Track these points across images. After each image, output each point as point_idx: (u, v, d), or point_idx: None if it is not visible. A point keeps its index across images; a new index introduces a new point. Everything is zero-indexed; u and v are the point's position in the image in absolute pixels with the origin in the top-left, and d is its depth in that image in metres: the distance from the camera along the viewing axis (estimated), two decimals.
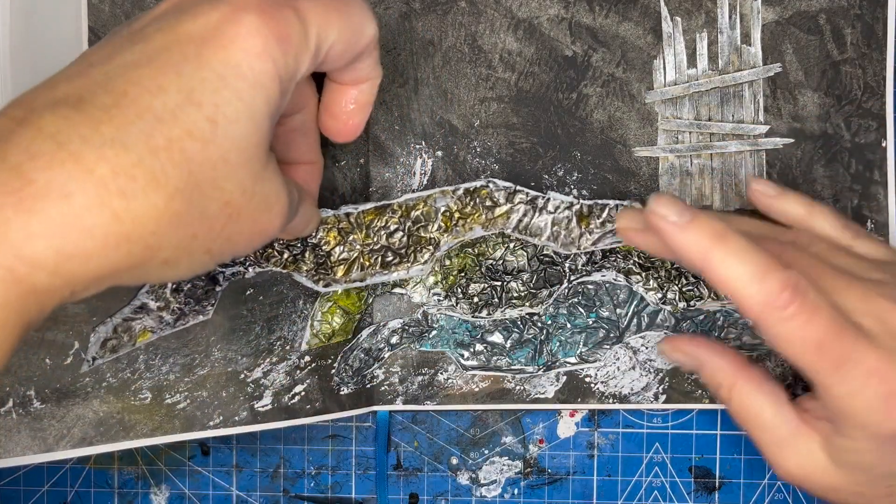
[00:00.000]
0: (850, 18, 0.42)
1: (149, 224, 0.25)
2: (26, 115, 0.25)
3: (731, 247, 0.31)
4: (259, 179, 0.29)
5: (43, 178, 0.24)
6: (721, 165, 0.42)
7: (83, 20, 0.39)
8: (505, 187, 0.42)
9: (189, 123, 0.26)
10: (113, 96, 0.25)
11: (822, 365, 0.31)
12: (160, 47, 0.27)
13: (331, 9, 0.29)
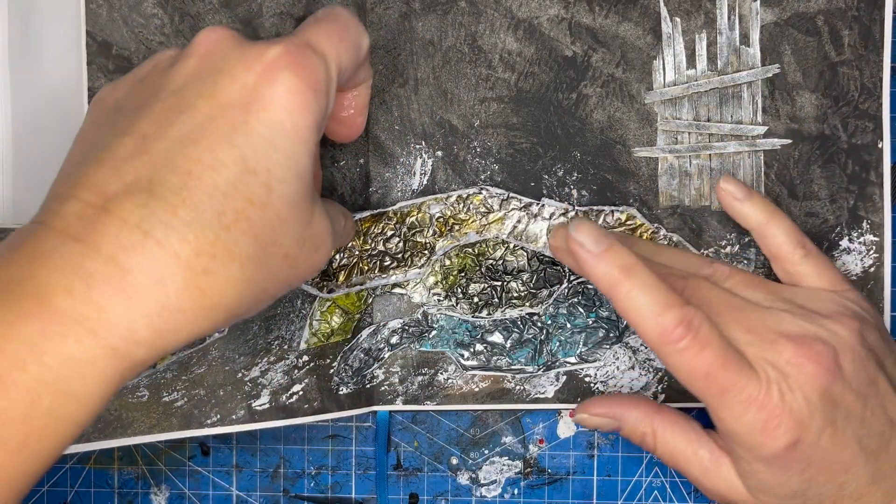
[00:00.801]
0: (848, 20, 0.42)
1: (230, 294, 0.28)
2: (104, 204, 0.27)
3: (636, 281, 0.33)
4: (309, 226, 0.31)
5: (137, 267, 0.26)
6: (720, 166, 0.43)
7: (81, 24, 0.39)
8: (498, 194, 0.42)
9: (249, 192, 0.28)
10: (179, 176, 0.27)
11: (709, 392, 0.34)
12: (208, 116, 0.28)
13: (338, 35, 0.31)
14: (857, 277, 0.43)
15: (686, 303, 0.34)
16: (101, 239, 0.26)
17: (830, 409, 0.34)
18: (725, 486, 0.37)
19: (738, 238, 0.43)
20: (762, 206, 0.40)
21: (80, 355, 0.26)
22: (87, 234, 0.27)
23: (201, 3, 0.40)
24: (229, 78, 0.29)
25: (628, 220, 0.42)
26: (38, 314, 0.26)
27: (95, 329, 0.26)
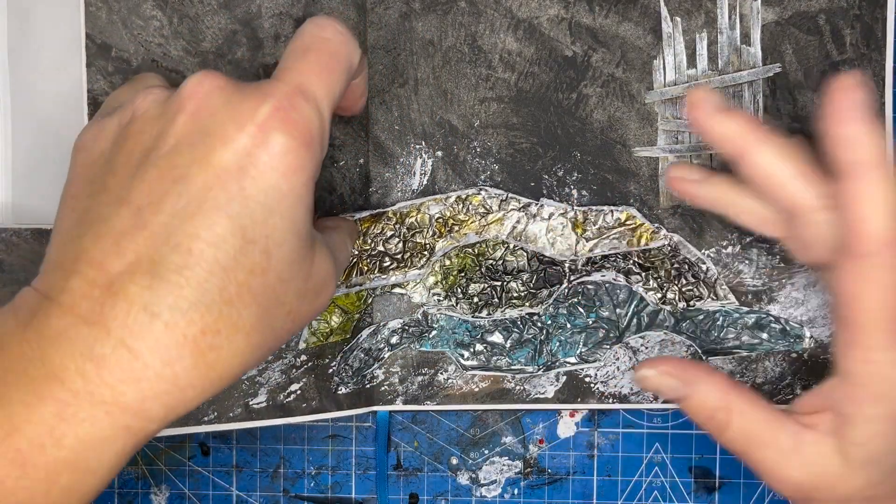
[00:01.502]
0: (850, 19, 0.42)
1: (236, 363, 0.29)
2: (109, 284, 0.27)
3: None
4: (310, 277, 0.31)
5: (146, 350, 0.27)
6: (720, 166, 0.42)
7: (81, 27, 0.40)
8: (497, 194, 0.42)
9: (249, 263, 0.28)
10: (181, 255, 0.28)
11: (879, 326, 0.31)
12: (203, 187, 0.28)
13: (328, 67, 0.31)
14: None
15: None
16: (110, 322, 0.27)
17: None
18: (809, 470, 0.33)
19: (740, 238, 0.43)
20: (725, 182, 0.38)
21: (96, 435, 0.27)
22: (96, 316, 0.27)
23: (200, 5, 0.40)
24: (221, 142, 0.28)
25: (628, 220, 0.42)
26: (55, 397, 0.27)
27: (110, 412, 0.27)
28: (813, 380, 0.43)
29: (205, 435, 0.44)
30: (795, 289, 0.43)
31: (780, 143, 0.33)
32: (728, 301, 0.43)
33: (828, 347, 0.43)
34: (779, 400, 0.43)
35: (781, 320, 0.43)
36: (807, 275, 0.43)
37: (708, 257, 0.43)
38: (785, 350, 0.43)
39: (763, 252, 0.43)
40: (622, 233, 0.42)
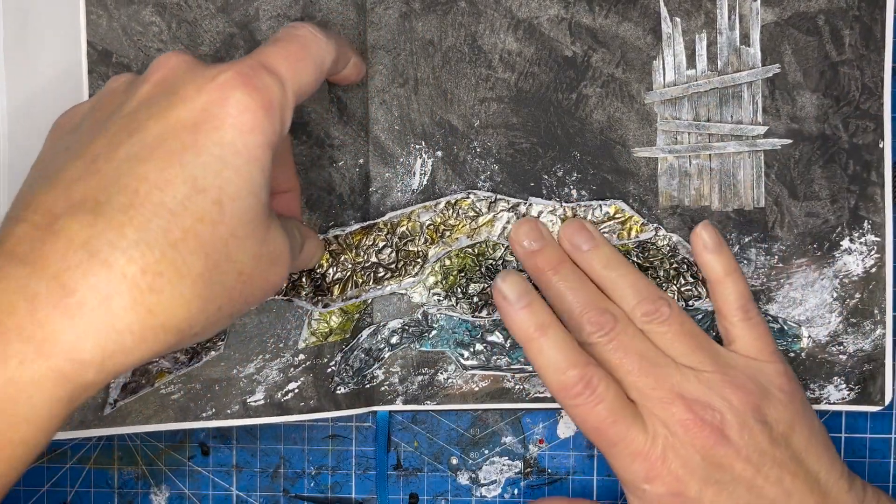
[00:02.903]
0: (849, 20, 0.42)
1: (179, 312, 0.28)
2: (50, 223, 0.27)
3: (548, 339, 0.38)
4: (264, 242, 0.31)
5: (82, 286, 0.26)
6: (720, 166, 0.43)
7: (82, 35, 0.39)
8: (486, 196, 0.42)
9: (198, 210, 0.28)
10: (127, 195, 0.27)
11: (601, 443, 0.38)
12: (158, 136, 0.28)
13: (296, 55, 0.32)
14: (858, 278, 0.43)
15: (589, 362, 0.37)
16: (47, 259, 0.26)
17: (714, 471, 0.37)
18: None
19: (739, 238, 0.43)
20: (725, 263, 0.41)
21: (25, 377, 0.26)
22: (34, 255, 0.27)
23: (198, 10, 0.40)
24: (181, 99, 0.29)
25: (616, 214, 0.42)
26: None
27: (40, 350, 0.26)
28: (810, 378, 0.43)
29: (205, 435, 0.44)
30: (793, 288, 0.43)
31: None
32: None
33: (826, 347, 0.43)
34: None
35: (779, 320, 0.43)
36: (805, 275, 0.43)
37: None
38: (782, 349, 0.43)
39: (761, 252, 0.43)
40: (612, 227, 0.42)
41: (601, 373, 0.37)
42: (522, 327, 0.38)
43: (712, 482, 0.37)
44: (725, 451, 0.37)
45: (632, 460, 0.37)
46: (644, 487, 0.37)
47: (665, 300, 0.39)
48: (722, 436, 0.37)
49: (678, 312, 0.39)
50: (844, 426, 0.45)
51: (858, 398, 0.43)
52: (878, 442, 0.45)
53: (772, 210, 0.43)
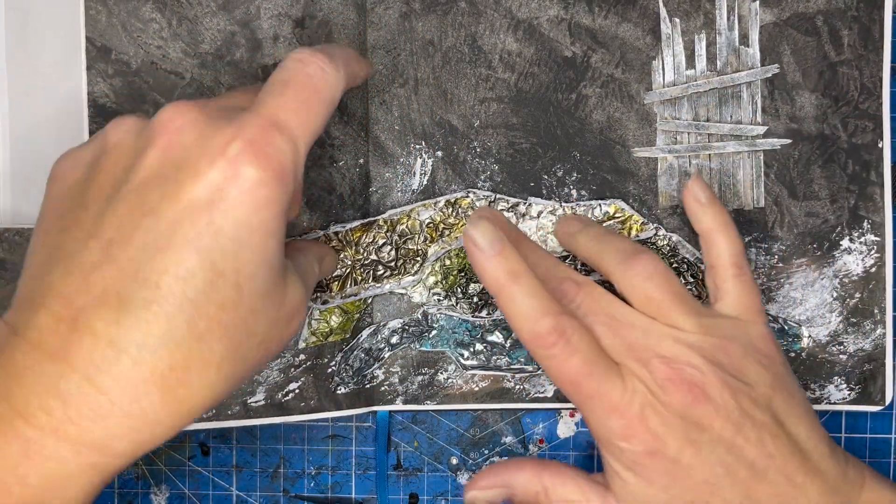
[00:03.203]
0: (847, 20, 0.42)
1: (207, 397, 0.29)
2: (74, 316, 0.27)
3: (520, 287, 0.35)
4: (282, 305, 0.31)
5: (114, 387, 0.27)
6: (719, 166, 0.43)
7: (81, 30, 0.40)
8: (485, 196, 0.42)
9: (220, 297, 0.28)
10: (149, 290, 0.27)
11: (576, 397, 0.36)
12: (172, 221, 0.28)
13: (307, 104, 0.30)
14: (858, 278, 0.43)
15: (563, 312, 0.35)
16: (76, 358, 0.27)
17: (694, 430, 0.35)
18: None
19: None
20: (719, 215, 0.39)
21: (62, 472, 0.27)
22: (62, 351, 0.27)
23: (199, 7, 0.40)
24: (192, 177, 0.28)
25: (616, 213, 0.42)
26: (19, 435, 0.27)
27: (76, 449, 0.27)
28: (811, 378, 0.43)
29: (205, 435, 0.44)
30: (793, 288, 0.43)
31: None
32: None
33: (826, 346, 0.43)
34: None
35: (780, 319, 0.43)
36: (805, 274, 0.43)
37: None
38: (783, 349, 0.43)
39: (761, 252, 0.43)
40: (612, 226, 0.42)
41: (576, 323, 0.35)
42: (493, 275, 0.35)
43: (691, 441, 0.35)
44: (705, 410, 0.35)
45: (608, 416, 0.35)
46: (620, 445, 0.35)
47: (649, 254, 0.38)
48: (702, 393, 0.35)
49: (663, 269, 0.38)
50: (844, 426, 0.45)
51: (859, 398, 0.43)
52: (878, 442, 0.45)
53: (771, 210, 0.43)
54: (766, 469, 0.36)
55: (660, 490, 0.36)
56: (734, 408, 0.35)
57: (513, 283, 0.35)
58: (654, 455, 0.35)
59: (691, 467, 0.35)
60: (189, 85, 0.40)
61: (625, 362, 0.36)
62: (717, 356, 0.36)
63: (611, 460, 0.37)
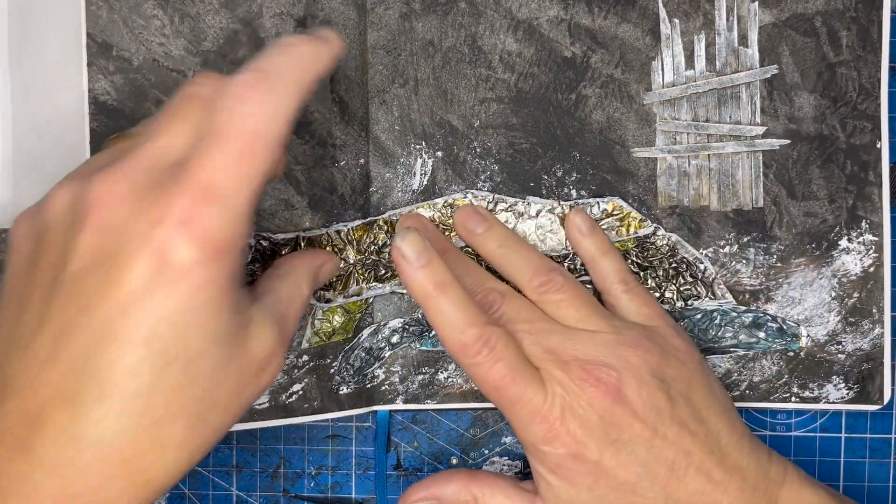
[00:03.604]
0: (846, 21, 0.42)
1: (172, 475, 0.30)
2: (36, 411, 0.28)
3: (446, 297, 0.36)
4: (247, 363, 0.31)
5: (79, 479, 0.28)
6: (718, 166, 0.43)
7: (82, 26, 0.39)
8: (484, 196, 0.42)
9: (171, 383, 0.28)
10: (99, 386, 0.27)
11: (501, 403, 0.37)
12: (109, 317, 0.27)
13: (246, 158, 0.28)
14: (856, 277, 0.43)
15: (489, 322, 0.36)
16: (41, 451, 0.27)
17: (613, 430, 0.36)
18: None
19: (737, 238, 0.43)
20: (600, 243, 0.41)
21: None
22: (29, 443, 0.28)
23: (201, 4, 0.40)
24: (123, 269, 0.27)
25: (615, 211, 0.42)
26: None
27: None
28: (809, 378, 0.43)
29: None
30: (792, 288, 0.43)
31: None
32: (725, 300, 0.43)
33: (824, 346, 0.43)
34: (776, 398, 0.43)
35: (778, 319, 0.43)
36: (803, 274, 0.43)
37: (706, 256, 0.43)
38: (782, 349, 0.43)
39: (760, 251, 0.43)
40: (611, 224, 0.42)
41: (500, 332, 0.36)
42: (421, 285, 0.36)
43: (610, 442, 0.36)
44: (623, 410, 0.36)
45: (531, 420, 0.36)
46: (544, 449, 0.36)
47: (558, 270, 0.40)
48: (619, 394, 0.36)
49: (572, 282, 0.40)
50: (844, 426, 0.45)
51: (857, 397, 0.43)
52: (878, 442, 0.45)
53: (770, 210, 0.43)
54: (686, 467, 0.36)
55: (584, 491, 0.36)
56: (651, 407, 0.36)
57: (439, 294, 0.36)
58: (576, 457, 0.36)
59: (613, 468, 0.36)
60: None
61: (544, 366, 0.37)
62: (633, 356, 0.37)
63: (536, 465, 0.37)
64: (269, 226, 0.41)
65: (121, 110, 0.40)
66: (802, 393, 0.43)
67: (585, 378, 0.36)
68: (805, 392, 0.43)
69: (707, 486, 0.36)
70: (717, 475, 0.36)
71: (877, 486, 0.45)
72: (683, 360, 0.38)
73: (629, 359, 0.37)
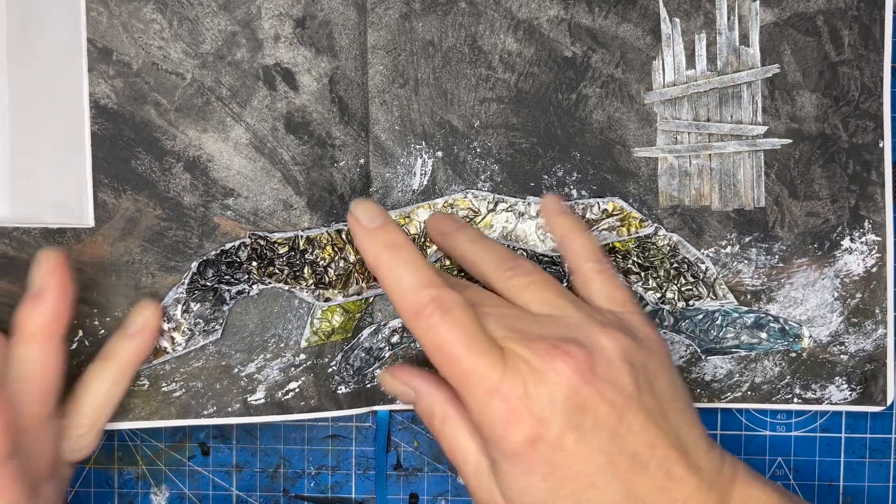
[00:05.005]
0: (848, 20, 0.42)
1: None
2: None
3: (401, 256, 0.34)
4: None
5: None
6: (719, 166, 0.43)
7: (82, 31, 0.40)
8: (483, 196, 0.42)
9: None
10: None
11: (454, 376, 0.33)
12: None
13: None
14: (859, 277, 0.43)
15: (446, 286, 0.34)
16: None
17: (577, 413, 0.33)
18: (488, 495, 0.36)
19: (739, 238, 0.43)
20: (572, 221, 0.40)
21: None
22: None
23: (200, 7, 0.40)
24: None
25: (615, 211, 0.42)
26: None
27: None
28: (812, 379, 0.43)
29: (205, 435, 0.44)
30: (794, 288, 0.43)
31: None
32: (727, 300, 0.43)
33: (827, 346, 0.43)
34: (778, 399, 0.43)
35: (780, 320, 0.43)
36: (805, 274, 0.43)
37: (707, 257, 0.43)
38: (784, 349, 0.43)
39: (762, 252, 0.43)
40: (611, 224, 0.42)
41: (459, 298, 0.34)
42: (372, 247, 0.34)
43: (574, 427, 0.33)
44: (590, 391, 0.33)
45: (488, 398, 0.33)
46: (501, 434, 0.33)
47: (525, 259, 0.38)
48: (589, 372, 0.33)
49: (540, 270, 0.38)
50: (844, 426, 0.45)
51: (860, 398, 0.43)
52: (878, 442, 0.45)
53: (772, 210, 0.43)
54: (648, 460, 0.34)
55: (539, 480, 0.34)
56: (619, 391, 0.34)
57: (393, 253, 0.34)
58: (535, 443, 0.33)
59: (572, 455, 0.33)
60: (190, 85, 0.40)
61: (508, 345, 0.34)
62: (604, 338, 0.35)
63: (492, 450, 0.35)
64: (267, 226, 0.41)
65: (121, 113, 0.40)
66: (805, 394, 0.43)
67: (554, 353, 0.33)
68: (807, 393, 0.43)
69: (667, 483, 0.34)
70: (678, 472, 0.34)
71: (877, 486, 0.44)
72: (653, 349, 0.36)
73: (600, 340, 0.35)
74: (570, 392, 0.33)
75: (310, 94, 0.41)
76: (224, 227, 0.41)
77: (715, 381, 0.43)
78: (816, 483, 0.45)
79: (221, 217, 0.41)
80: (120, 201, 0.40)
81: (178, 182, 0.40)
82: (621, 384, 0.34)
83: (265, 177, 0.41)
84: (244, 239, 0.41)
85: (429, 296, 0.33)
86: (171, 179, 0.40)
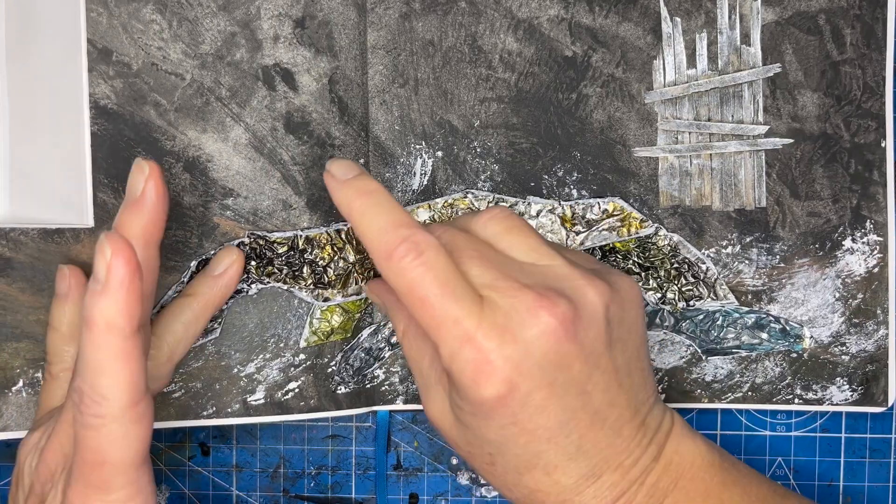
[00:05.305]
0: (850, 19, 0.42)
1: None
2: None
3: (373, 200, 0.33)
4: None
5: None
6: (720, 166, 0.42)
7: (82, 32, 0.40)
8: (484, 196, 0.42)
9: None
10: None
11: (426, 320, 0.32)
12: None
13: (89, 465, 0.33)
14: (860, 278, 0.43)
15: (421, 228, 0.33)
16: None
17: (553, 369, 0.32)
18: (434, 409, 0.36)
19: (740, 238, 0.43)
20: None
21: None
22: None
23: (199, 8, 0.40)
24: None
25: (615, 211, 0.42)
26: None
27: None
28: (813, 380, 0.43)
29: (205, 435, 0.44)
30: (795, 289, 0.43)
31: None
32: (728, 301, 0.43)
33: (828, 347, 0.43)
34: (779, 400, 0.43)
35: (781, 320, 0.43)
36: (807, 275, 0.43)
37: (708, 257, 0.43)
38: (785, 350, 0.43)
39: (763, 252, 0.43)
40: (612, 224, 0.42)
41: (433, 241, 0.32)
42: (346, 196, 0.33)
43: (547, 383, 0.32)
44: (570, 348, 0.32)
45: (461, 346, 0.31)
46: (468, 384, 0.32)
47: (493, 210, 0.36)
48: (572, 329, 0.32)
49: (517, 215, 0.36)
50: (844, 426, 0.45)
51: (861, 399, 0.43)
52: (878, 442, 0.44)
53: (773, 210, 0.42)
54: (606, 419, 0.33)
55: (495, 429, 0.33)
56: (593, 349, 0.33)
57: (365, 198, 0.33)
58: (502, 400, 0.32)
59: (537, 411, 0.32)
60: (189, 86, 0.40)
61: (489, 293, 0.32)
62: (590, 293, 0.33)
63: (456, 398, 0.34)
64: (267, 225, 0.41)
65: (120, 114, 0.40)
66: (806, 394, 0.43)
67: (541, 304, 0.32)
68: (808, 394, 0.43)
69: (616, 441, 0.34)
70: (627, 431, 0.34)
71: (877, 486, 0.44)
72: (634, 303, 0.35)
73: (587, 293, 0.33)
74: (550, 347, 0.32)
75: (309, 94, 0.41)
76: (223, 226, 0.41)
77: (716, 382, 0.43)
78: (816, 483, 0.44)
79: (221, 217, 0.41)
80: (120, 201, 0.40)
81: (178, 182, 0.41)
82: (596, 343, 0.33)
83: (264, 177, 0.41)
84: (243, 238, 0.41)
85: (400, 237, 0.32)
86: (171, 179, 0.40)
